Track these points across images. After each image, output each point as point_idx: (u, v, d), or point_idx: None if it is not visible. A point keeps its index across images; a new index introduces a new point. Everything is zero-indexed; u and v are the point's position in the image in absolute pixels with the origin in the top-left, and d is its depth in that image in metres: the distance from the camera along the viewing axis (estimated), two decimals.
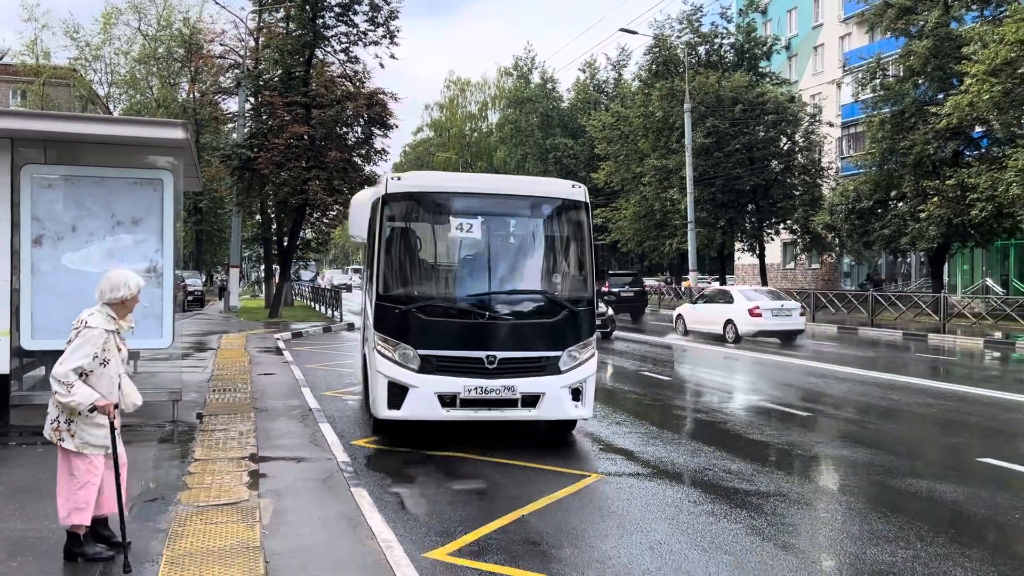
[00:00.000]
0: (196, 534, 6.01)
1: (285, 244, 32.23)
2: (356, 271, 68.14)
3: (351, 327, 27.40)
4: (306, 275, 55.90)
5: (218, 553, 5.64)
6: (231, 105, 38.68)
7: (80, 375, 5.28)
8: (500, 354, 9.09)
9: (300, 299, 43.30)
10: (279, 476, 7.76)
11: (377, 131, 29.86)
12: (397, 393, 9.07)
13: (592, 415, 10.02)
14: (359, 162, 30.28)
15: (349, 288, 61.76)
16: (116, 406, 5.41)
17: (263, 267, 40.92)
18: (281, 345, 20.55)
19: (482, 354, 9.06)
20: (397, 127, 30.38)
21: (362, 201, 10.51)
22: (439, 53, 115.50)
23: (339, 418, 11.20)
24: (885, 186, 34.00)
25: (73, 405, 5.24)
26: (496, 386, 9.07)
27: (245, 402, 11.65)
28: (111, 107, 52.87)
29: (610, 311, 26.31)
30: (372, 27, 29.43)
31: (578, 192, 9.89)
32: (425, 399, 9.02)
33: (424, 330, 9.11)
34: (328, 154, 27.97)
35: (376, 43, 29.60)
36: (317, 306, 38.11)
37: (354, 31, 29.52)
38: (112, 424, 5.38)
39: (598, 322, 21.82)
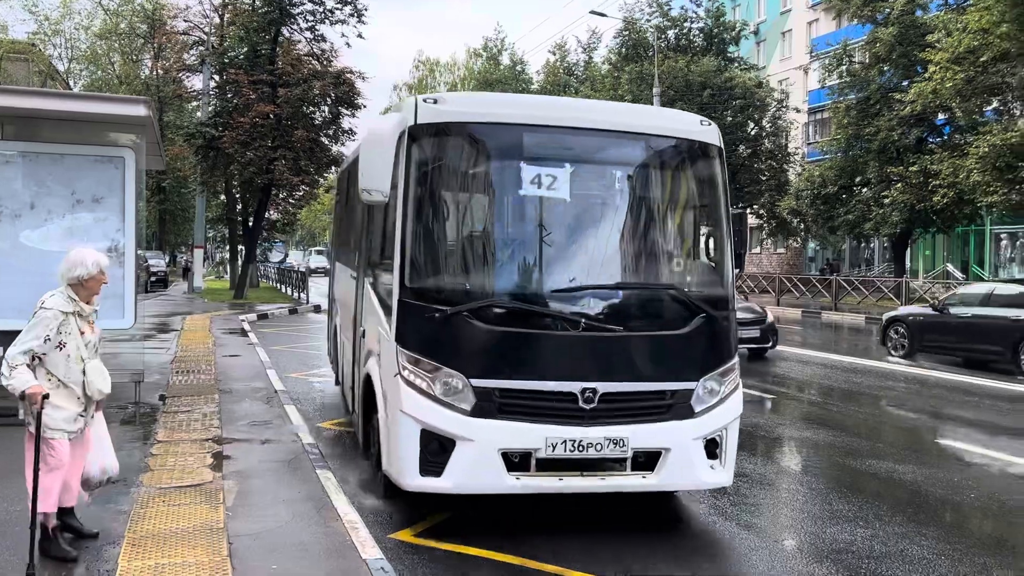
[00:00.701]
0: (159, 516, 5.95)
1: (250, 224, 31.87)
2: (321, 252, 65.90)
3: (318, 309, 27.20)
4: (275, 256, 54.68)
5: (181, 535, 5.59)
6: (195, 83, 38.02)
7: (33, 358, 5.06)
8: (603, 386, 5.81)
9: (266, 280, 42.93)
10: (243, 458, 7.69)
11: (345, 111, 29.60)
12: (437, 450, 5.80)
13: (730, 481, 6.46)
14: (326, 142, 30.02)
15: (325, 271, 60.25)
16: (46, 396, 4.99)
17: (228, 248, 40.47)
18: (246, 327, 20.34)
19: (575, 386, 5.78)
20: (365, 107, 30.17)
21: (381, 136, 6.08)
22: (407, 33, 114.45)
23: (305, 400, 11.13)
24: (850, 172, 34.41)
25: (10, 389, 5.04)
26: (595, 438, 5.78)
27: (209, 384, 11.53)
28: (71, 83, 51.73)
29: (769, 314, 17.74)
30: (339, 5, 29.08)
31: (711, 132, 6.55)
32: (483, 459, 5.76)
33: (483, 347, 5.83)
34: (294, 133, 27.69)
35: (343, 21, 29.26)
36: (283, 288, 37.77)
37: (321, 9, 29.16)
38: (39, 412, 4.98)
39: (751, 333, 15.92)
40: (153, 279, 35.49)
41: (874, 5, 32.72)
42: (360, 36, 29.73)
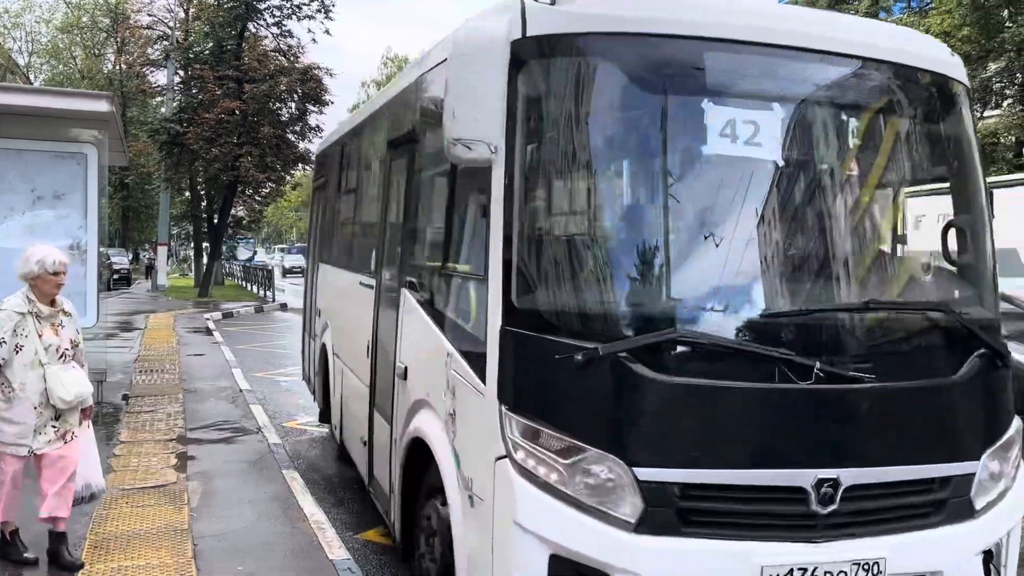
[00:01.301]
0: (122, 517, 5.88)
1: (215, 222, 31.52)
2: (287, 251, 62.71)
3: (284, 307, 26.99)
4: (242, 253, 53.23)
5: (144, 536, 5.52)
6: (159, 78, 37.50)
7: None
8: (848, 475, 3.54)
9: (231, 278, 42.48)
10: (208, 458, 7.61)
11: (312, 107, 29.43)
12: None
13: None
14: (293, 139, 29.81)
15: (303, 271, 56.59)
16: None
17: (193, 245, 40.02)
18: (211, 325, 20.13)
19: (805, 477, 3.50)
20: (332, 103, 30.01)
21: (482, 48, 3.61)
22: (374, 28, 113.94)
23: (270, 399, 11.04)
24: None
25: None
26: (836, 561, 3.50)
27: (173, 383, 11.39)
28: (32, 77, 50.75)
29: None
30: (307, 1, 28.88)
31: (956, 65, 4.30)
32: None
33: (657, 412, 3.49)
34: (261, 130, 27.45)
35: (311, 17, 29.07)
36: (249, 285, 37.39)
37: (288, 4, 28.93)
38: None
39: None
40: (116, 277, 34.94)
41: (839, 7, 33.15)
42: (327, 32, 29.57)
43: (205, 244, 34.40)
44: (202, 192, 33.66)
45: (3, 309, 4.80)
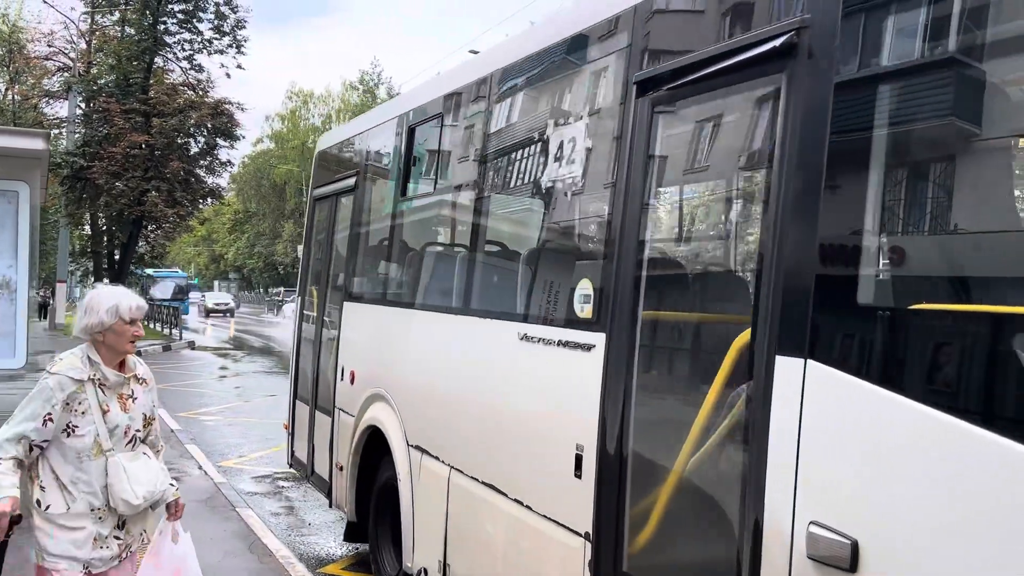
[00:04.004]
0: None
1: (116, 258, 30.62)
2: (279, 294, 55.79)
3: (192, 345, 26.46)
4: (159, 292, 42.47)
5: None
6: (58, 110, 36.41)
7: (31, 448, 3.34)
8: None
9: None
10: None
11: (223, 142, 29.11)
12: None
13: None
14: (202, 174, 29.40)
15: (231, 312, 51.32)
16: (17, 519, 3.26)
17: (93, 282, 38.62)
18: None
19: None
20: (244, 137, 29.79)
21: None
22: (281, 59, 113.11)
23: (202, 439, 10.92)
24: None
25: None
26: None
27: None
28: None
29: None
30: (218, 35, 28.72)
31: None
32: None
33: None
34: (169, 164, 26.99)
35: (222, 52, 28.92)
36: (151, 324, 36.34)
37: (199, 39, 28.70)
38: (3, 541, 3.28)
39: None
40: None
41: None
42: (240, 67, 29.42)
43: (106, 281, 33.32)
44: (103, 228, 32.66)
45: (54, 373, 3.41)
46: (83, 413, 3.38)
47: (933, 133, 2.33)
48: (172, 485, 3.70)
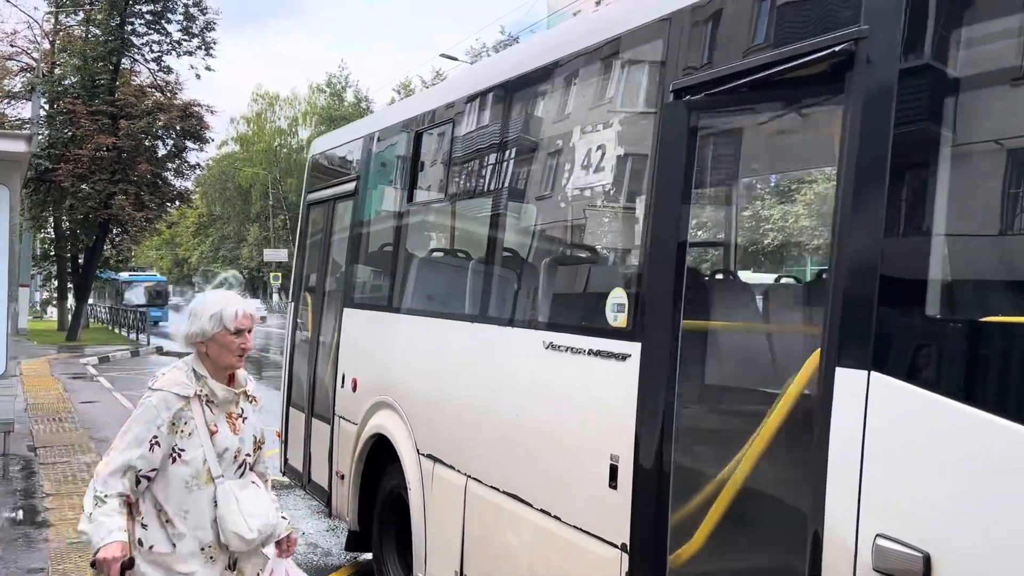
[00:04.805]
0: (78, 572, 5.70)
1: (81, 262, 30.04)
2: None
3: (160, 350, 26.08)
4: (135, 296, 40.54)
5: None
6: (19, 111, 35.64)
7: (137, 480, 2.93)
8: None
9: (95, 320, 40.48)
10: None
11: (192, 144, 28.74)
12: None
13: None
14: (170, 177, 29.01)
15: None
16: (129, 564, 2.88)
17: (56, 287, 37.93)
18: (92, 371, 19.27)
19: None
20: (213, 140, 29.45)
21: None
22: (244, 64, 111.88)
23: None
24: None
25: (83, 541, 3.00)
26: None
27: (79, 432, 10.92)
28: None
29: None
30: (187, 37, 28.34)
31: None
32: None
33: None
34: (137, 167, 26.56)
35: (191, 53, 28.53)
36: (117, 328, 35.80)
37: (167, 40, 28.30)
38: None
39: None
40: None
41: None
42: (209, 69, 29.08)
43: (70, 285, 32.72)
44: (67, 231, 32.04)
45: (157, 389, 3.00)
46: (189, 435, 2.96)
47: (1003, 140, 2.36)
48: (284, 518, 3.26)
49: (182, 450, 2.96)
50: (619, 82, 3.76)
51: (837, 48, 2.54)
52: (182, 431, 2.96)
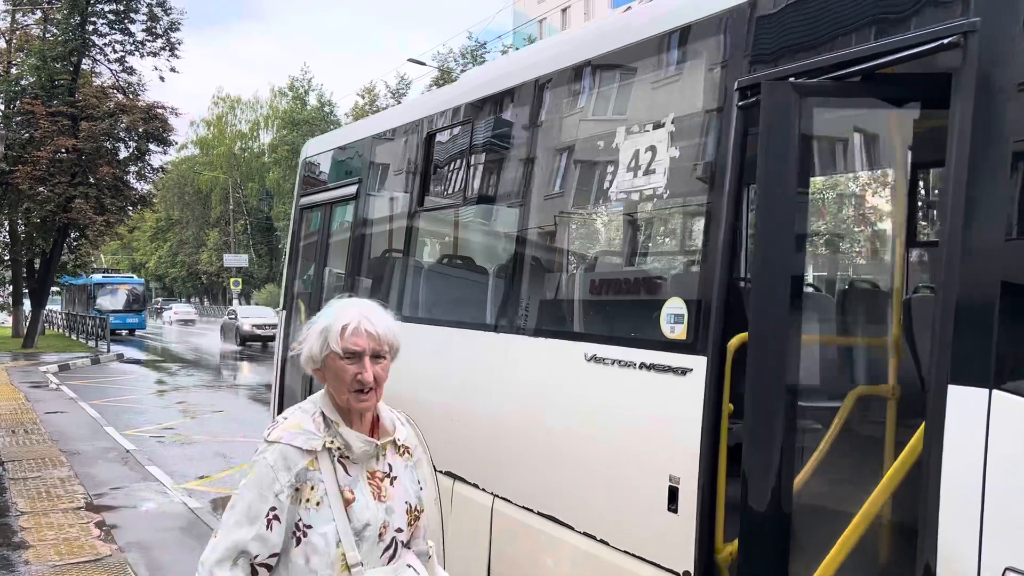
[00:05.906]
0: None
1: (37, 266, 29.14)
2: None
3: (120, 358, 25.44)
4: (108, 302, 38.96)
5: None
6: None
7: (253, 570, 2.03)
8: None
9: (51, 327, 39.38)
10: (132, 526, 7.05)
11: (155, 147, 28.08)
12: None
13: None
14: (132, 180, 28.31)
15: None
16: None
17: (11, 292, 36.85)
18: (53, 379, 18.61)
19: None
20: (177, 143, 28.80)
21: None
22: (203, 67, 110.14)
23: (161, 459, 10.32)
24: None
25: None
26: None
27: (47, 444, 10.44)
28: None
29: None
30: (150, 37, 27.69)
31: None
32: None
33: None
34: (99, 170, 25.86)
35: (155, 54, 27.87)
36: (74, 335, 34.84)
37: (130, 40, 27.62)
38: None
39: None
40: None
41: None
42: (174, 70, 28.43)
43: (25, 290, 31.74)
44: (24, 235, 31.12)
45: (273, 442, 2.11)
46: (316, 504, 2.05)
47: None
48: None
49: (308, 526, 2.05)
50: (692, 72, 3.38)
51: (946, 40, 2.37)
52: (308, 499, 2.06)
